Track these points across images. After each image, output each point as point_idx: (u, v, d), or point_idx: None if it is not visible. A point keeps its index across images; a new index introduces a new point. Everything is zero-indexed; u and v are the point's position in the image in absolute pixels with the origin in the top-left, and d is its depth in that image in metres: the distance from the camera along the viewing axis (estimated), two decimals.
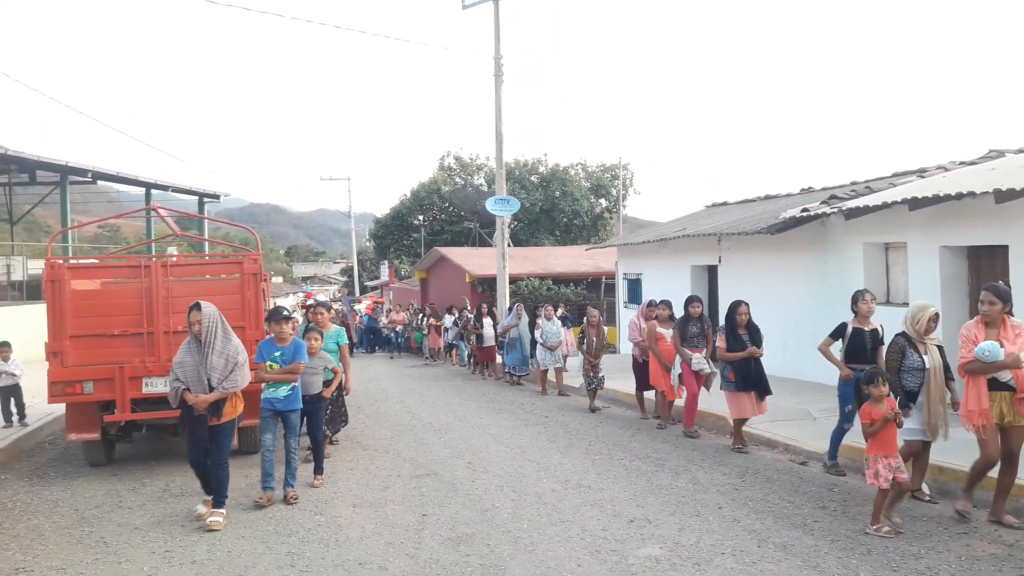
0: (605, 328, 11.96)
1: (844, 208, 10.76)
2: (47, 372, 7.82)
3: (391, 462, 8.27)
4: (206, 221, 27.60)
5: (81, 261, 10.81)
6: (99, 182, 25.63)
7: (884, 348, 6.92)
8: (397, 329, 26.08)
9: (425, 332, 22.74)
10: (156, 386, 7.82)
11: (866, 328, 7.29)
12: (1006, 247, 8.87)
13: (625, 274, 19.94)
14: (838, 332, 7.42)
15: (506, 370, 15.47)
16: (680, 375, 9.47)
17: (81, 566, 5.26)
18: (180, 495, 7.10)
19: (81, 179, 23.93)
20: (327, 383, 7.74)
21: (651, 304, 10.66)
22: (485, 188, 41.65)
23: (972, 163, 11.24)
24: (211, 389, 6.10)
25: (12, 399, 10.28)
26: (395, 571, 5.06)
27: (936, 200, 9.15)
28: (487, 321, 16.65)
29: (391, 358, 24.92)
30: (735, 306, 8.59)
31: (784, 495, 6.60)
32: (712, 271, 15.70)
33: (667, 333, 9.81)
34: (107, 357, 7.86)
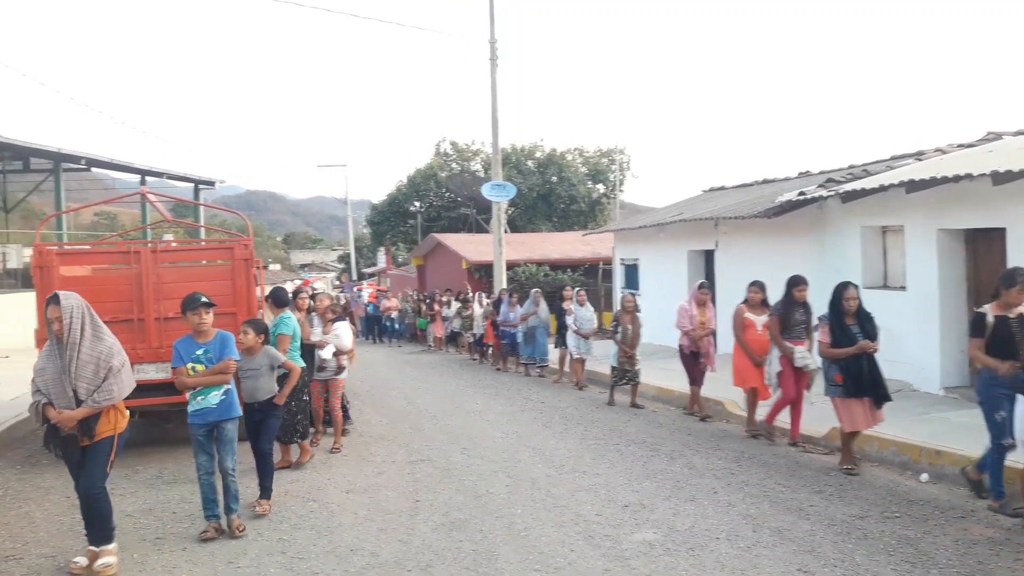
0: (639, 315, 10.91)
1: (841, 191, 10.69)
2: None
3: (385, 448, 8.24)
4: (202, 208, 27.48)
5: (71, 247, 10.74)
6: (93, 169, 25.49)
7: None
8: (392, 316, 25.90)
9: (429, 319, 22.37)
10: (147, 373, 7.75)
11: (1011, 316, 5.64)
12: (1004, 230, 8.80)
13: (622, 259, 19.86)
14: (979, 326, 5.73)
15: (522, 361, 14.60)
16: (779, 373, 7.88)
17: (71, 553, 5.20)
18: (172, 482, 7.05)
19: (75, 166, 23.82)
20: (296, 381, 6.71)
21: (702, 286, 9.75)
22: (482, 174, 41.48)
23: (970, 145, 11.14)
24: (79, 403, 4.80)
25: None
26: (387, 557, 5.01)
27: (933, 183, 9.07)
28: (502, 308, 15.29)
29: (388, 346, 24.82)
30: (842, 289, 6.87)
31: (780, 480, 6.56)
32: (709, 256, 15.63)
33: (758, 320, 8.31)
34: None
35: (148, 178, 25.72)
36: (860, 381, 6.67)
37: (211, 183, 29.27)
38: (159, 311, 7.94)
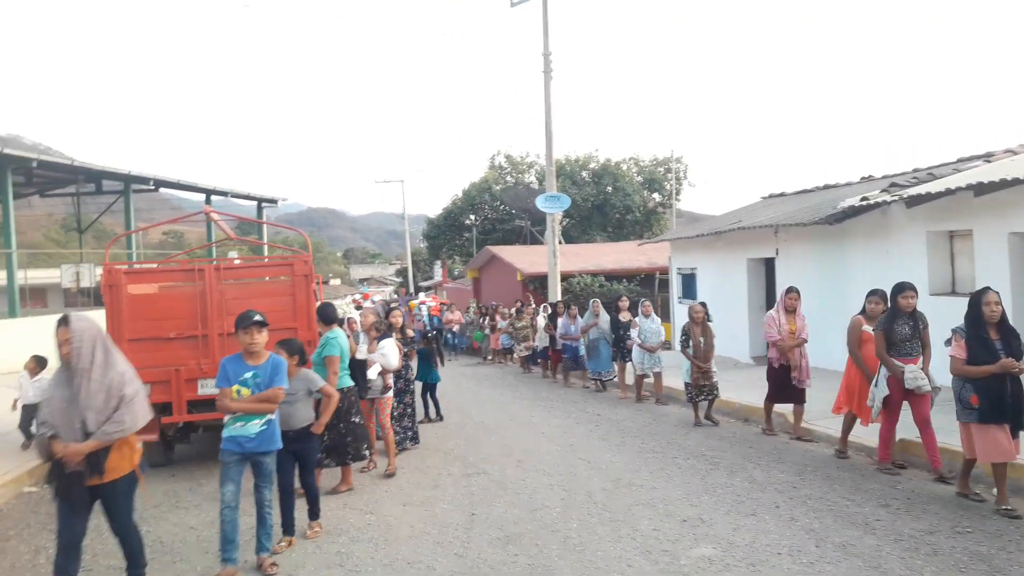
0: (711, 324, 10.17)
1: (905, 196, 10.38)
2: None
3: (441, 460, 8.28)
4: (265, 226, 28.16)
5: (138, 266, 11.10)
6: (161, 190, 26.42)
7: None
8: (454, 329, 25.40)
9: (487, 332, 22.13)
10: (211, 388, 7.93)
11: None
12: None
13: (679, 269, 19.63)
14: None
15: (590, 377, 13.80)
16: (886, 397, 6.85)
17: None
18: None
19: (144, 187, 24.75)
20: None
21: (791, 291, 8.82)
22: (536, 186, 41.58)
23: None
24: (87, 435, 4.31)
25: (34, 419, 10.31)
26: (443, 571, 5.03)
27: (1004, 185, 8.74)
28: (561, 321, 14.66)
29: (450, 360, 24.25)
30: (981, 295, 5.93)
31: (845, 493, 6.37)
32: (769, 264, 15.33)
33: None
34: (163, 360, 8.03)
35: (213, 197, 26.51)
36: (1001, 405, 5.72)
37: (274, 201, 30.00)
38: (222, 327, 8.15)
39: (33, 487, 7.84)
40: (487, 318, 22.57)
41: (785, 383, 8.67)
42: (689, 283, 18.93)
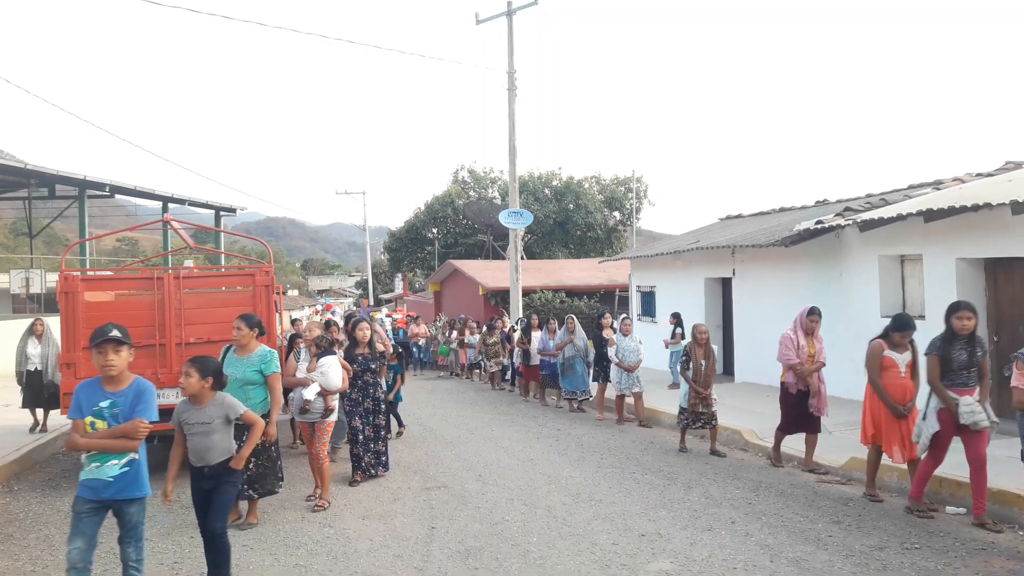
0: (715, 347, 9.45)
1: (859, 220, 10.68)
2: (59, 383, 7.87)
3: (401, 474, 8.24)
4: (223, 235, 27.80)
5: (95, 273, 10.91)
6: (117, 196, 25.93)
7: None
8: (420, 343, 24.64)
9: (454, 346, 21.63)
10: (168, 398, 7.83)
11: None
12: None
13: (639, 287, 19.87)
14: None
15: (564, 396, 13.21)
16: (935, 433, 6.06)
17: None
18: (190, 506, 7.01)
19: (99, 193, 24.23)
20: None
21: (812, 312, 8.12)
22: (499, 201, 41.77)
23: (989, 175, 11.11)
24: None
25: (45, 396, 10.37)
26: None
27: (952, 212, 9.06)
28: (537, 336, 14.14)
29: (414, 375, 22.99)
30: None
31: (799, 509, 6.51)
32: (727, 284, 15.61)
33: (900, 359, 6.60)
34: None
35: (170, 205, 26.11)
36: None
37: (232, 210, 29.66)
38: (181, 336, 8.06)
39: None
40: (454, 332, 22.08)
41: (802, 411, 8.01)
42: (648, 301, 19.17)
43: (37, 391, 10.41)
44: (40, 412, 10.60)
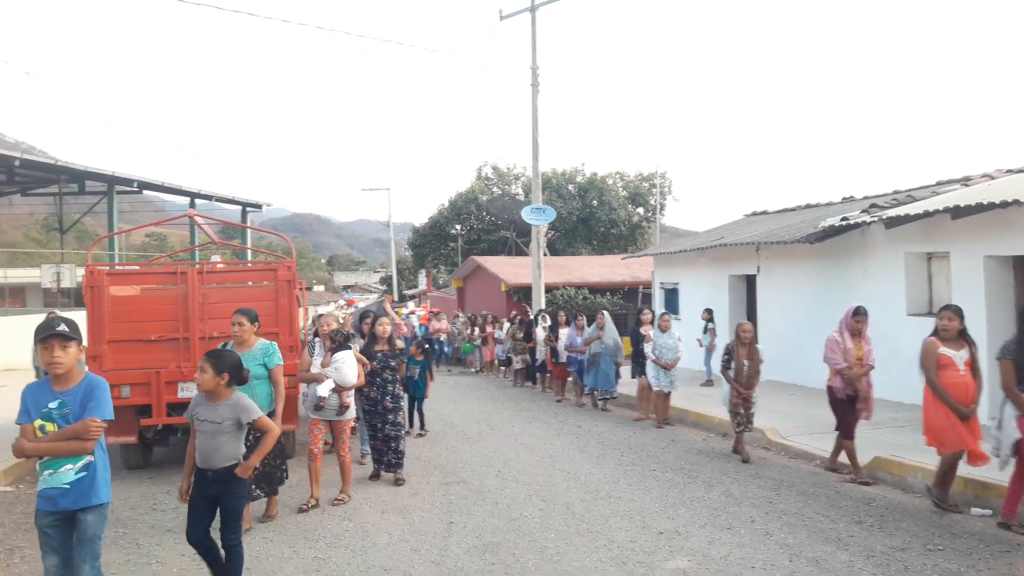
0: (759, 347, 9.00)
1: (885, 217, 10.54)
2: None
3: (421, 469, 8.28)
4: (249, 230, 28.06)
5: (120, 267, 11.06)
6: (145, 192, 26.27)
7: None
8: (441, 339, 24.41)
9: (478, 343, 21.60)
10: (191, 391, 7.91)
11: None
12: None
13: (662, 283, 19.76)
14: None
15: (586, 392, 13.19)
16: (1018, 441, 5.70)
17: (114, 566, 5.33)
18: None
19: (128, 188, 24.59)
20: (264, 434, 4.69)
21: (858, 312, 7.67)
22: (522, 197, 41.73)
23: (1019, 171, 10.92)
24: None
25: None
26: None
27: (980, 208, 8.91)
28: (565, 332, 13.94)
29: (436, 371, 23.43)
30: None
31: (819, 509, 6.45)
32: (751, 280, 15.48)
33: (957, 356, 6.23)
34: (144, 362, 8.01)
35: (197, 201, 26.40)
36: None
37: (258, 206, 29.92)
38: (204, 330, 8.14)
39: (8, 487, 7.78)
40: (476, 328, 22.04)
41: (851, 415, 7.60)
42: (672, 298, 19.06)
43: None
44: None
